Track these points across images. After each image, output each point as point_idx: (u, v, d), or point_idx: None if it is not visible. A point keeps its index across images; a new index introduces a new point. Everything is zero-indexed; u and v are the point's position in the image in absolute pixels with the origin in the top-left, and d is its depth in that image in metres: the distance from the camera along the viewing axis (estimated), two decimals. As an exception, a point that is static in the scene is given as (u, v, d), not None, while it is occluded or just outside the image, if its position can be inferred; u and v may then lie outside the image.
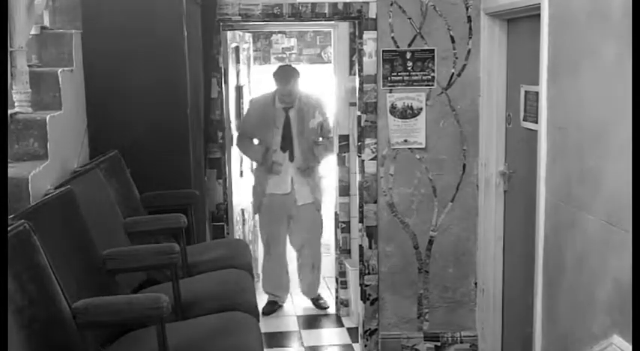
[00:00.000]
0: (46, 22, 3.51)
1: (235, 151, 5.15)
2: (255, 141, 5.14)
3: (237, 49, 5.23)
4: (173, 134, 3.53)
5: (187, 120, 3.54)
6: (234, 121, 5.18)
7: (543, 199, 3.26)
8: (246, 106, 5.51)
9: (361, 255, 4.56)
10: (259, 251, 5.71)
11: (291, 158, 5.05)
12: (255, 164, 5.27)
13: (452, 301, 4.56)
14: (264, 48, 7.56)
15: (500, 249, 4.32)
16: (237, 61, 5.27)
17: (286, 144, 5.04)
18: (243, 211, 5.40)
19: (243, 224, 5.46)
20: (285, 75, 5.04)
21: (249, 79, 5.82)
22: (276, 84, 5.04)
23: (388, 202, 4.45)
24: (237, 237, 5.09)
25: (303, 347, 4.67)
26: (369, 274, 4.51)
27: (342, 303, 5.30)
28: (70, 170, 3.12)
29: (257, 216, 5.47)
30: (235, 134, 5.14)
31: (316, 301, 5.45)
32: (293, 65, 5.46)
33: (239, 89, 5.35)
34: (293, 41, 7.95)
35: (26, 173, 2.62)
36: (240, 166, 5.38)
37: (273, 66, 7.83)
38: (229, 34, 4.85)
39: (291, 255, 5.43)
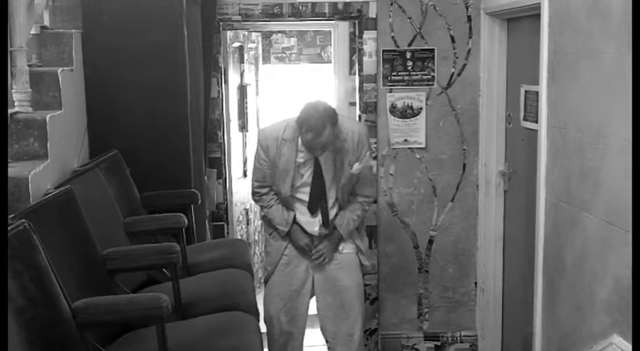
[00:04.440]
0: (46, 22, 3.51)
1: (235, 151, 5.11)
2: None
3: (240, 48, 5.22)
4: (173, 134, 3.53)
5: (187, 120, 3.54)
6: (236, 120, 5.17)
7: (543, 198, 3.26)
8: (250, 105, 5.45)
9: (361, 255, 4.55)
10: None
11: (326, 225, 3.40)
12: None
13: (452, 300, 4.56)
14: (264, 47, 7.54)
15: (500, 249, 4.31)
16: (242, 60, 5.26)
17: (316, 203, 3.37)
18: (247, 211, 5.38)
19: (247, 224, 5.45)
20: (317, 124, 3.15)
21: (257, 79, 5.81)
22: (301, 130, 3.21)
23: (388, 201, 4.45)
24: (239, 237, 5.09)
25: (303, 346, 4.66)
26: (369, 273, 4.50)
27: (342, 303, 5.29)
28: (70, 170, 3.12)
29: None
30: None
31: None
32: (323, 103, 3.29)
33: (242, 89, 5.34)
34: (293, 41, 7.95)
35: (26, 173, 2.62)
36: (244, 166, 5.36)
37: (273, 66, 7.88)
38: (232, 33, 4.85)
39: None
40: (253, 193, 3.49)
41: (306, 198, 3.36)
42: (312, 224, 3.40)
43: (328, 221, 3.39)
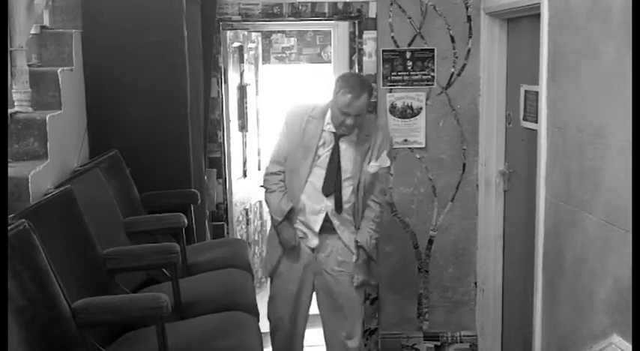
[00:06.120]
0: (46, 22, 3.51)
1: (235, 151, 5.10)
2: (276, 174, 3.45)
3: (240, 48, 5.22)
4: (173, 134, 3.53)
5: (187, 120, 3.54)
6: (236, 120, 5.17)
7: (543, 198, 3.26)
8: (250, 105, 5.45)
9: (361, 255, 4.55)
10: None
11: (339, 209, 3.37)
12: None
13: (451, 300, 4.56)
14: (264, 47, 7.54)
15: (500, 248, 4.32)
16: (241, 60, 5.27)
17: (330, 186, 3.33)
18: (247, 211, 5.38)
19: (247, 224, 5.44)
20: (357, 85, 3.23)
21: (257, 79, 5.81)
22: (337, 94, 3.24)
23: (388, 201, 4.45)
24: (239, 237, 5.08)
25: (304, 347, 4.66)
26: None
27: (342, 302, 5.28)
28: (70, 170, 3.12)
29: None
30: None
31: None
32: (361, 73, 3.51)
33: (242, 88, 5.34)
34: (293, 41, 7.94)
35: (26, 173, 2.62)
36: (244, 166, 5.36)
37: (273, 66, 7.87)
38: (232, 33, 4.86)
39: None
40: (266, 169, 3.48)
41: (317, 181, 3.32)
42: (318, 211, 3.35)
43: (341, 206, 3.35)
